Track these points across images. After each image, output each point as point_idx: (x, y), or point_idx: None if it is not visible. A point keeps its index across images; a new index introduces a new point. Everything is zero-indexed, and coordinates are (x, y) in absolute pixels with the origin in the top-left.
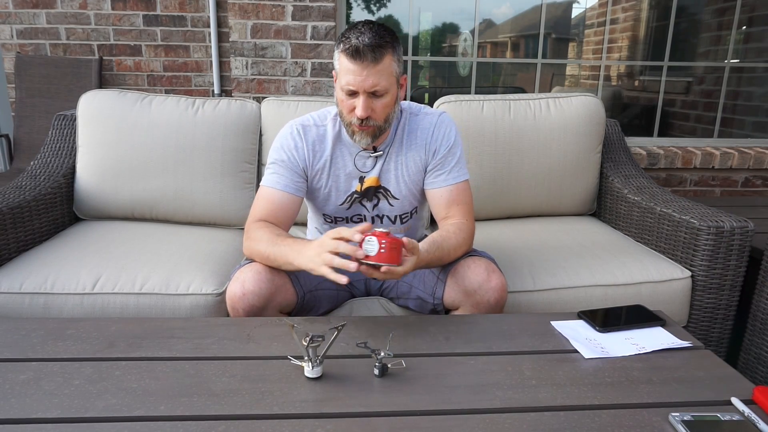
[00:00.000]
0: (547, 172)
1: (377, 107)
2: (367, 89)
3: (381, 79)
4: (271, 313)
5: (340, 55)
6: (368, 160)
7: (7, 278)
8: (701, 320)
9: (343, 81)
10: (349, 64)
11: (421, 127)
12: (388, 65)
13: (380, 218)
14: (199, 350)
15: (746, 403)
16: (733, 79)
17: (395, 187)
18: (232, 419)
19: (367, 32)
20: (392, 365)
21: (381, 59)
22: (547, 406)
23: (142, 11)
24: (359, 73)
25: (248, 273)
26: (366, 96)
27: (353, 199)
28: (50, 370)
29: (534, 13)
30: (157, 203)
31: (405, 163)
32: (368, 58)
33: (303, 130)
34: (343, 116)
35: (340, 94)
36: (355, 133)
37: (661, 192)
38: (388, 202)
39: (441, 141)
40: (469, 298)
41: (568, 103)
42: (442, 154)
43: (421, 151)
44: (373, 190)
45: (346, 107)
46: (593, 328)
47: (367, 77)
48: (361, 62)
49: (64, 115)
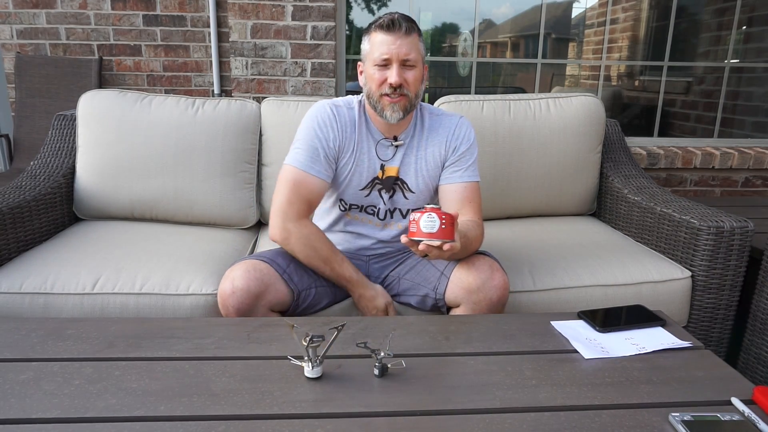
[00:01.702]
0: (547, 172)
1: (408, 77)
2: (402, 56)
3: (412, 50)
4: (261, 312)
5: (373, 33)
6: (389, 149)
7: (7, 278)
8: (701, 320)
9: (376, 54)
10: (384, 35)
11: (444, 125)
12: (417, 42)
13: (392, 212)
14: (199, 350)
15: (746, 403)
16: (733, 79)
17: (413, 181)
18: (232, 419)
19: (397, 13)
20: (392, 365)
21: (412, 33)
22: (547, 406)
23: (142, 11)
24: (393, 42)
25: (238, 271)
26: (399, 65)
27: (374, 185)
28: (50, 370)
29: (534, 13)
30: (157, 203)
31: (425, 157)
32: (403, 28)
33: (336, 110)
34: (373, 93)
35: (371, 71)
36: (385, 108)
37: (661, 192)
38: (403, 195)
39: (462, 139)
40: (471, 296)
41: (568, 103)
42: (461, 151)
43: (442, 146)
44: (392, 180)
45: (377, 81)
46: (593, 328)
47: (401, 45)
48: (395, 32)
49: (64, 115)
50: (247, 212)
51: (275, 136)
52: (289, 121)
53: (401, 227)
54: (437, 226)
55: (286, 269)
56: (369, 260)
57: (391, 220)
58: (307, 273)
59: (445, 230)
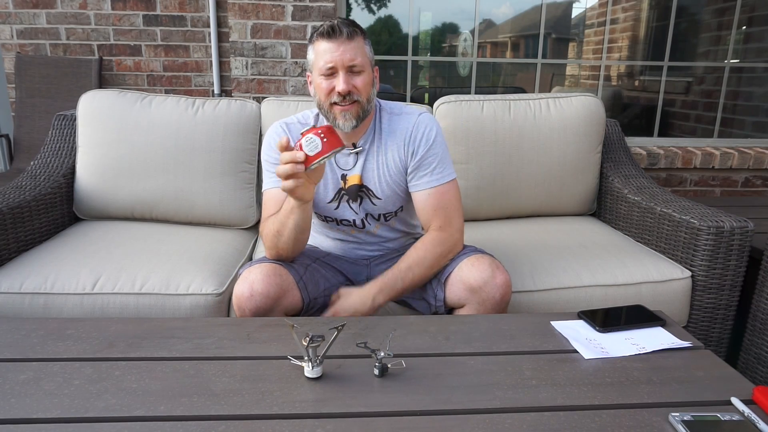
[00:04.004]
0: (547, 172)
1: (357, 83)
2: (346, 63)
3: (357, 54)
4: (277, 315)
5: (316, 43)
6: (349, 158)
7: (7, 278)
8: (701, 320)
9: (320, 63)
10: (326, 43)
11: (401, 127)
12: (362, 45)
13: (367, 217)
14: (199, 350)
15: (746, 403)
16: (733, 79)
17: (377, 187)
18: (232, 419)
19: (338, 19)
20: (392, 365)
21: (354, 37)
22: (547, 406)
23: (142, 11)
24: (336, 49)
25: (257, 274)
26: (345, 71)
27: (341, 196)
28: (50, 370)
29: (534, 13)
30: (157, 203)
31: (386, 162)
32: (344, 34)
33: (287, 127)
34: (323, 103)
35: (318, 80)
36: (337, 117)
37: (661, 192)
38: (371, 201)
39: (420, 141)
40: (474, 295)
41: (568, 103)
42: (420, 155)
43: (401, 150)
44: (356, 189)
45: (324, 90)
46: (593, 328)
47: (344, 51)
48: (336, 39)
49: (64, 115)
50: (247, 212)
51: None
52: None
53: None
54: (320, 143)
55: (302, 276)
56: (370, 263)
57: (370, 226)
58: (319, 281)
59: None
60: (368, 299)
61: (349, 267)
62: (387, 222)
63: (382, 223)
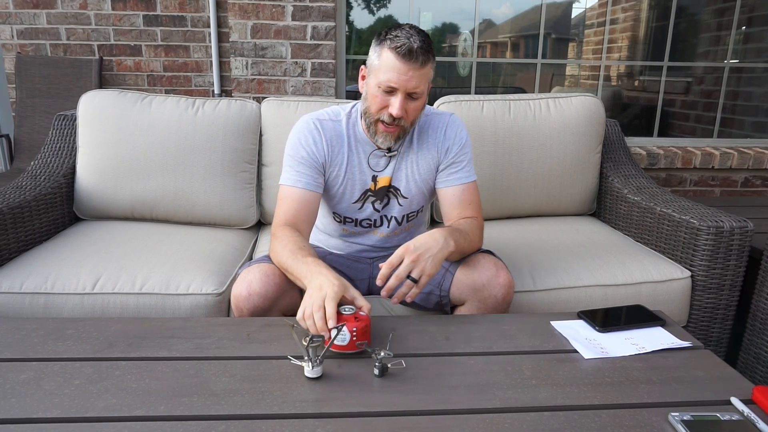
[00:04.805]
0: (546, 172)
1: (410, 109)
2: (409, 90)
3: (422, 82)
4: (275, 315)
5: (387, 52)
6: (381, 160)
7: (7, 278)
8: (701, 320)
9: (383, 77)
10: (397, 62)
11: (433, 126)
12: (429, 71)
13: (388, 219)
14: (199, 350)
15: (746, 403)
16: (733, 80)
17: (405, 186)
18: (232, 419)
19: (416, 36)
20: (392, 365)
21: (427, 64)
22: (547, 406)
23: (142, 11)
24: (405, 72)
25: (255, 274)
26: (404, 96)
27: (366, 198)
28: (50, 370)
29: (534, 13)
30: (157, 203)
31: (416, 162)
32: (419, 61)
33: (320, 124)
34: (371, 113)
35: (374, 90)
36: (378, 132)
37: (661, 192)
38: (397, 202)
39: (453, 139)
40: (476, 294)
41: (568, 103)
42: (454, 153)
43: (433, 149)
44: (384, 190)
45: (377, 103)
46: (593, 328)
47: (411, 78)
48: (410, 63)
49: (64, 115)
50: (247, 212)
51: (275, 136)
52: (289, 122)
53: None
54: (347, 340)
55: None
56: (372, 262)
57: (387, 229)
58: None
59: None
60: (441, 238)
61: (351, 265)
62: (409, 222)
63: (401, 224)
